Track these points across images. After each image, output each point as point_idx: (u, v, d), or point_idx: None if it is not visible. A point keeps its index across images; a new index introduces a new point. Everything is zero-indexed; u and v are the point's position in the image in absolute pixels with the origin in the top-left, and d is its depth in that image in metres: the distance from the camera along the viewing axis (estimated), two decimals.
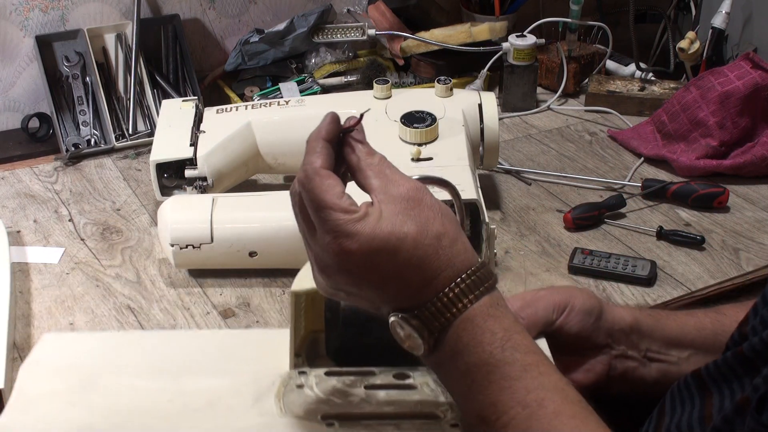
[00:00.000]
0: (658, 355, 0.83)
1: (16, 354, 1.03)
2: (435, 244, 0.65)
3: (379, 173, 0.67)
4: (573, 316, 0.81)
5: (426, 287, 0.66)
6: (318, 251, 0.67)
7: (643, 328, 0.83)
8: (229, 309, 1.11)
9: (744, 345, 0.66)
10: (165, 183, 1.26)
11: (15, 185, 1.40)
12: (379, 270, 0.65)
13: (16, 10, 1.51)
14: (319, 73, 1.63)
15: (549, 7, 1.82)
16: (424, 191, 0.67)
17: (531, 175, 1.40)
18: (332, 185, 0.66)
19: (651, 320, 0.84)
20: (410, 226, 0.65)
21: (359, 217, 0.65)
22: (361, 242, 0.64)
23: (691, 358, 0.83)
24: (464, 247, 0.67)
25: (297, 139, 1.30)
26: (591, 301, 0.83)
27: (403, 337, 0.67)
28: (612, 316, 0.83)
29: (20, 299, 1.13)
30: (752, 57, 1.39)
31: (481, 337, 0.65)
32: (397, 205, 0.65)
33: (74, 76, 1.51)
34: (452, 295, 0.65)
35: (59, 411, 0.76)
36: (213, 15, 1.67)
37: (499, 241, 1.22)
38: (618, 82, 1.65)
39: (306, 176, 0.66)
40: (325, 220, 0.65)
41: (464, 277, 0.66)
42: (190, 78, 1.58)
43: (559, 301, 0.82)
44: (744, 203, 1.33)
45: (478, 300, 0.66)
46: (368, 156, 0.68)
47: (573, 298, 0.82)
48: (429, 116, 1.22)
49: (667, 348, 0.83)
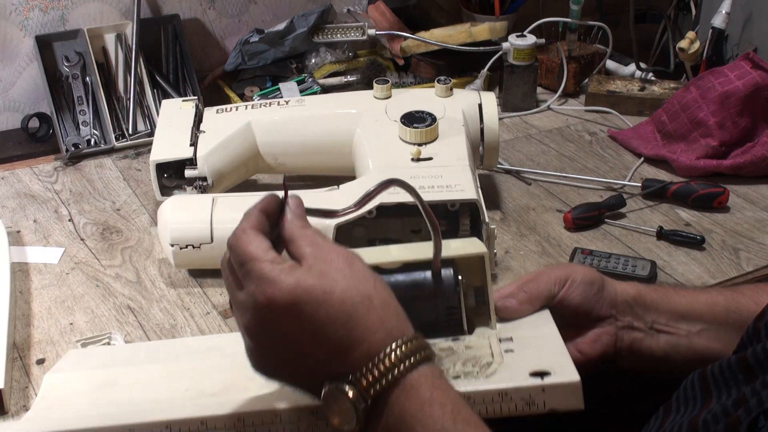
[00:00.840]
0: (666, 327, 0.81)
1: (16, 354, 1.03)
2: (365, 302, 0.63)
3: (312, 242, 0.65)
4: (575, 287, 0.80)
5: (357, 349, 0.62)
6: (243, 310, 0.64)
7: (647, 301, 0.82)
8: (229, 309, 1.11)
9: (748, 351, 0.65)
10: (165, 183, 1.26)
11: (15, 185, 1.40)
12: (303, 324, 0.62)
13: (16, 10, 1.51)
14: (319, 73, 1.63)
15: (549, 7, 1.82)
16: (357, 258, 0.65)
17: (531, 175, 1.40)
18: (259, 241, 0.64)
19: (656, 294, 0.83)
20: (339, 281, 0.62)
21: (285, 267, 0.63)
22: (285, 290, 0.61)
23: (702, 333, 0.81)
24: (397, 313, 0.64)
25: (297, 139, 1.31)
26: (592, 274, 0.82)
27: (336, 411, 0.62)
28: (614, 288, 0.82)
29: (20, 299, 1.13)
30: (752, 57, 1.39)
31: (430, 408, 0.61)
32: (327, 264, 0.63)
33: (74, 76, 1.51)
34: (389, 360, 0.62)
35: (84, 405, 0.78)
36: (213, 15, 1.67)
37: (499, 241, 1.22)
38: (618, 82, 1.65)
39: (234, 236, 0.66)
40: (249, 271, 0.63)
41: (399, 342, 0.62)
42: (190, 78, 1.58)
43: (560, 275, 0.81)
44: (744, 203, 1.33)
45: (417, 368, 0.62)
46: (302, 228, 0.67)
47: (574, 272, 0.81)
48: (429, 116, 1.22)
49: (675, 321, 0.81)
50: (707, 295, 0.84)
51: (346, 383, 0.62)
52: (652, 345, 0.82)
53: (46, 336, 1.06)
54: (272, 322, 0.63)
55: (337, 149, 1.28)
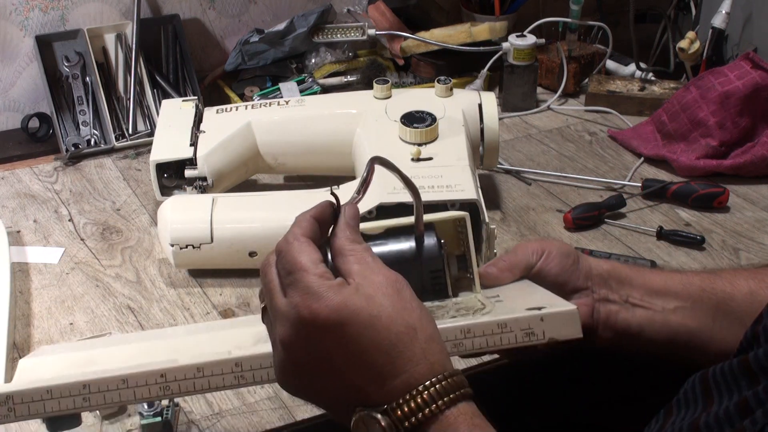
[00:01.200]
0: (641, 302, 0.81)
1: (16, 354, 1.03)
2: (410, 333, 0.61)
3: (361, 260, 0.64)
4: (551, 258, 0.81)
5: (396, 378, 0.61)
6: (282, 320, 0.62)
7: (621, 275, 0.82)
8: (229, 309, 1.11)
9: (750, 355, 0.65)
10: (165, 183, 1.26)
11: (15, 185, 1.40)
12: (344, 346, 0.60)
13: (16, 10, 1.51)
14: (319, 73, 1.63)
15: (549, 7, 1.82)
16: (405, 285, 0.64)
17: (531, 175, 1.40)
18: (310, 251, 0.63)
19: (631, 271, 0.83)
20: (386, 307, 0.61)
21: (334, 284, 0.61)
22: (331, 308, 0.60)
23: (678, 310, 0.80)
24: (441, 349, 0.63)
25: (297, 139, 1.31)
26: (567, 247, 0.83)
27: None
28: (588, 262, 0.82)
29: (20, 299, 1.13)
30: (752, 57, 1.38)
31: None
32: (375, 288, 0.62)
33: (74, 76, 1.51)
34: (428, 394, 0.60)
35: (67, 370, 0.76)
36: (213, 15, 1.67)
37: (499, 241, 1.22)
38: (618, 82, 1.65)
39: (285, 241, 0.64)
40: (297, 281, 0.62)
41: (441, 377, 0.60)
42: (190, 78, 1.58)
43: (537, 247, 0.81)
44: (744, 203, 1.33)
45: (456, 405, 0.60)
46: (353, 242, 0.65)
47: (549, 244, 0.82)
48: (429, 116, 1.22)
49: (650, 297, 0.81)
50: (682, 275, 0.84)
51: (380, 412, 0.60)
52: (628, 318, 0.81)
53: (46, 336, 1.06)
54: (313, 338, 0.61)
55: (337, 149, 1.28)
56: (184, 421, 0.94)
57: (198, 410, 0.96)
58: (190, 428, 0.94)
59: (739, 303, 0.79)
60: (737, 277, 0.83)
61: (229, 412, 0.95)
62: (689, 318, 0.80)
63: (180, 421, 0.94)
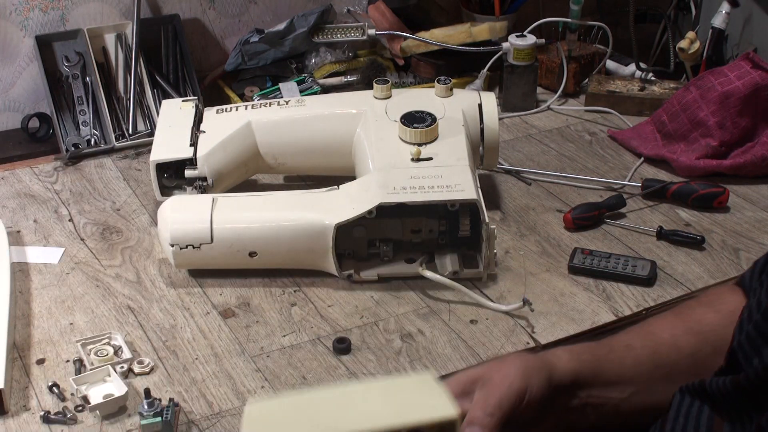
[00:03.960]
0: (598, 399, 0.83)
1: (16, 354, 1.03)
2: None
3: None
4: (533, 399, 0.78)
5: None
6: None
7: (581, 380, 0.82)
8: (229, 309, 1.11)
9: (741, 377, 0.67)
10: (165, 183, 1.26)
11: (15, 185, 1.40)
12: None
13: (16, 10, 1.51)
14: (319, 73, 1.63)
15: (549, 7, 1.82)
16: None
17: (531, 175, 1.40)
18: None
19: (590, 368, 0.83)
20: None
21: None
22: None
23: (632, 397, 0.83)
24: None
25: (297, 139, 1.31)
26: (540, 375, 0.79)
27: None
28: (552, 374, 0.80)
29: (20, 299, 1.13)
30: (752, 57, 1.39)
31: None
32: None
33: (74, 76, 1.51)
34: None
35: None
36: (213, 15, 1.67)
37: (499, 241, 1.22)
38: (618, 82, 1.65)
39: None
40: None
41: None
42: (190, 78, 1.58)
43: (520, 387, 0.78)
44: (744, 203, 1.33)
45: None
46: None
47: (530, 382, 0.78)
48: (429, 116, 1.22)
49: (608, 391, 0.83)
50: (633, 353, 0.85)
51: None
52: (580, 419, 0.83)
53: (46, 336, 1.06)
54: None
55: (337, 149, 1.28)
56: (184, 421, 0.94)
57: (198, 410, 0.96)
58: (190, 428, 0.94)
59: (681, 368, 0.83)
60: (672, 324, 0.86)
61: (229, 412, 0.95)
62: (647, 396, 0.83)
63: (180, 421, 0.94)
